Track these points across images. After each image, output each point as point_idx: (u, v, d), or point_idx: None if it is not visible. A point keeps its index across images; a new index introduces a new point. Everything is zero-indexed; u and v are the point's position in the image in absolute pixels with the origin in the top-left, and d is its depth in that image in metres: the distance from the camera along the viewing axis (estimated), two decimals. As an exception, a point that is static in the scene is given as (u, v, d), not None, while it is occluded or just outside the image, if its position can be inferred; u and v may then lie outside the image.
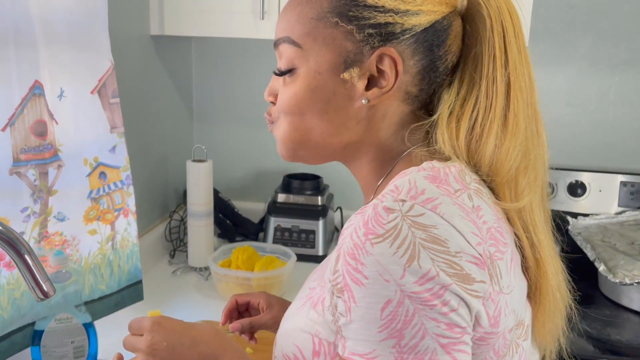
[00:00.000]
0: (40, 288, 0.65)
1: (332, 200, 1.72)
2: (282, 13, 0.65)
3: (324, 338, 0.60)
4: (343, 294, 0.53)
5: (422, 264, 0.51)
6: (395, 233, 0.51)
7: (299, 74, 0.62)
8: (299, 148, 0.67)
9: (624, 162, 1.64)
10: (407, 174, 0.58)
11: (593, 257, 1.38)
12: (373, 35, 0.59)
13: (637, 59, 1.59)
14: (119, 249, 1.16)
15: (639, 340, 1.21)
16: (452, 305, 0.51)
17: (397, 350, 0.51)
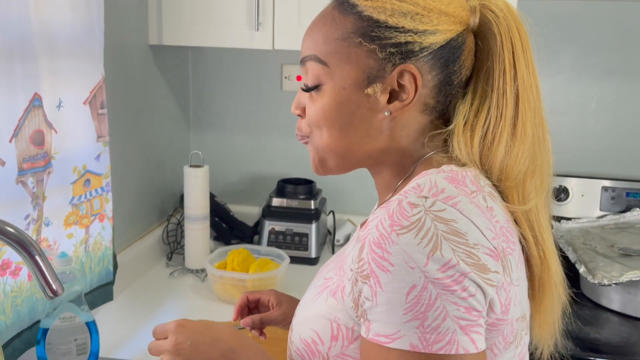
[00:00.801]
0: (50, 287, 0.70)
1: (324, 204, 1.77)
2: (307, 32, 0.70)
3: (342, 324, 0.64)
4: (369, 279, 0.58)
5: (444, 254, 0.56)
6: (419, 225, 0.57)
7: (325, 89, 0.67)
8: (329, 159, 0.72)
9: (606, 168, 1.70)
10: (427, 174, 0.64)
11: (574, 259, 1.44)
12: (394, 54, 0.64)
13: (618, 70, 1.65)
14: (91, 251, 1.20)
15: (616, 339, 1.27)
16: (470, 291, 0.56)
17: (420, 330, 0.55)
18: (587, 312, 1.38)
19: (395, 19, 0.64)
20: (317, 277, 0.79)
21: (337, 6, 0.67)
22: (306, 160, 1.82)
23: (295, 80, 1.80)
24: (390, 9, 0.64)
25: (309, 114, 0.70)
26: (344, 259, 0.69)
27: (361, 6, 0.65)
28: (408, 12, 0.64)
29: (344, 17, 0.65)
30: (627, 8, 1.61)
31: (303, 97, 0.71)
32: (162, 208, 1.72)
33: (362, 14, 0.65)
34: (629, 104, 1.66)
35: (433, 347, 0.55)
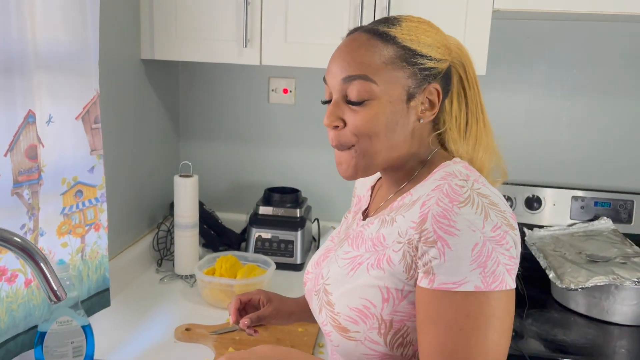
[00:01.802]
0: (54, 292, 0.76)
1: (310, 212, 1.83)
2: (346, 56, 0.82)
3: (391, 287, 0.80)
4: (436, 243, 0.74)
5: (492, 218, 0.74)
6: (470, 200, 0.75)
7: (373, 103, 0.81)
8: (372, 164, 0.84)
9: (576, 179, 1.79)
10: (447, 165, 0.84)
11: (545, 266, 1.52)
12: (426, 76, 0.82)
13: (586, 85, 1.74)
14: (88, 260, 1.25)
15: (582, 340, 1.35)
16: (511, 244, 0.75)
17: (482, 275, 0.72)
18: (556, 315, 1.47)
19: (425, 49, 0.82)
20: (331, 257, 0.94)
21: (375, 36, 0.82)
22: (292, 170, 1.90)
23: (282, 92, 1.87)
24: (421, 41, 0.82)
25: (358, 124, 0.81)
26: (378, 238, 0.85)
27: (399, 38, 0.81)
28: (431, 45, 0.83)
29: (385, 45, 0.81)
30: (595, 28, 1.70)
31: (340, 110, 0.83)
32: (153, 216, 1.77)
33: (401, 44, 0.81)
34: (597, 117, 1.75)
35: (491, 286, 0.73)
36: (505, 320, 0.74)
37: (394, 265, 0.80)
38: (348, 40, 0.84)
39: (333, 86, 0.83)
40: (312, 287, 0.95)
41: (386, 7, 1.43)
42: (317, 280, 0.94)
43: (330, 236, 1.05)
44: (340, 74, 0.82)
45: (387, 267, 0.81)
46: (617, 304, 1.40)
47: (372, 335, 0.80)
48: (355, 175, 0.85)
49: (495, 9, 1.41)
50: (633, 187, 1.76)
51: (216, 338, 1.27)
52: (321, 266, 0.96)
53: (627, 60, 1.71)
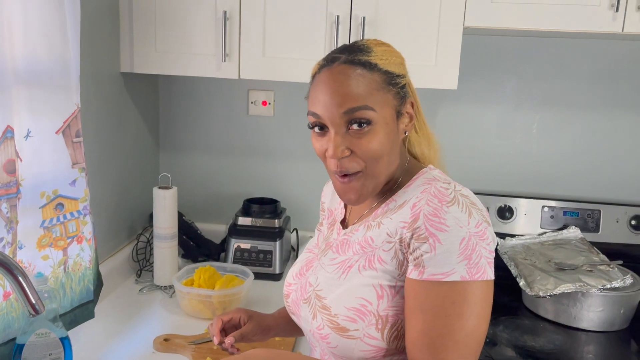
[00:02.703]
0: (32, 305, 0.77)
1: (288, 223, 1.86)
2: (340, 91, 0.86)
3: (385, 284, 0.87)
4: (428, 239, 0.82)
5: (475, 216, 0.83)
6: (456, 200, 0.83)
7: (374, 128, 0.87)
8: (378, 184, 0.91)
9: (545, 189, 1.84)
10: (425, 172, 0.93)
11: (516, 274, 1.57)
12: (405, 93, 0.91)
13: (555, 99, 1.80)
14: (70, 272, 1.26)
15: (550, 346, 1.40)
16: (490, 239, 0.84)
17: (467, 266, 0.81)
18: (526, 321, 1.51)
19: (398, 69, 0.90)
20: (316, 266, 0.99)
21: (360, 65, 0.87)
22: (271, 181, 1.93)
23: (261, 105, 1.90)
24: (394, 63, 0.90)
25: (366, 149, 0.87)
26: (366, 241, 0.91)
27: (379, 64, 0.88)
28: (399, 64, 0.91)
29: (371, 73, 0.87)
30: (562, 43, 1.76)
31: (345, 140, 0.87)
32: (132, 227, 1.79)
33: (382, 69, 0.88)
34: (565, 130, 1.82)
35: (475, 276, 0.81)
36: (485, 307, 0.83)
37: (386, 263, 0.87)
38: (333, 74, 0.87)
39: (331, 120, 0.86)
40: (299, 297, 0.99)
41: (361, 24, 1.47)
42: (304, 289, 0.98)
43: (306, 248, 1.08)
44: (339, 108, 0.85)
45: (379, 266, 0.88)
46: (584, 311, 1.45)
47: (371, 331, 0.86)
48: (363, 199, 0.90)
49: (466, 26, 1.46)
50: (600, 197, 1.82)
51: (194, 348, 1.29)
52: (306, 276, 1.00)
53: (592, 75, 1.77)
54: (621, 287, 1.45)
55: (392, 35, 1.48)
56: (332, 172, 0.90)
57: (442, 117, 1.85)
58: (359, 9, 1.48)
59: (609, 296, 1.44)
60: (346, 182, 0.89)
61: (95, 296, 1.35)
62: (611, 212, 1.75)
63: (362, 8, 1.47)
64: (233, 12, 1.52)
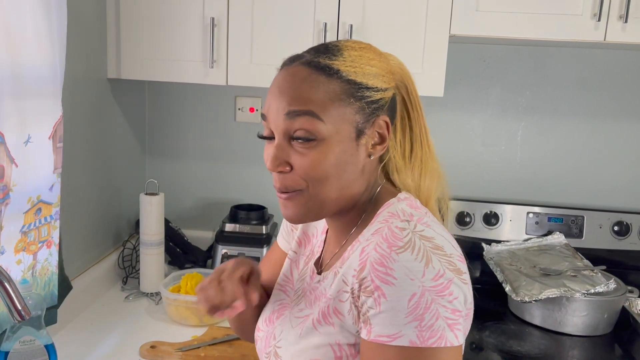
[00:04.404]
0: (18, 311, 0.77)
1: (276, 229, 1.85)
2: (288, 89, 0.74)
3: (343, 343, 0.74)
4: (373, 293, 0.68)
5: (434, 265, 0.68)
6: (412, 245, 0.69)
7: (321, 144, 0.73)
8: (324, 208, 0.77)
9: (530, 196, 1.87)
10: (391, 204, 0.78)
11: (501, 279, 1.59)
12: (375, 109, 0.76)
13: (538, 106, 1.83)
14: (37, 276, 1.24)
15: (536, 351, 1.41)
16: (455, 295, 0.68)
17: (418, 329, 0.66)
18: (512, 326, 1.52)
19: (371, 80, 0.76)
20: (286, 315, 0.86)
21: (317, 70, 0.75)
22: (258, 187, 1.93)
23: (249, 111, 1.90)
24: (366, 72, 0.76)
25: (307, 167, 0.73)
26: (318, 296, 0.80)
27: (343, 71, 0.75)
28: (376, 74, 0.77)
29: (329, 80, 0.74)
30: (546, 52, 1.79)
31: (284, 153, 0.74)
32: (118, 234, 1.77)
33: (346, 78, 0.75)
34: (549, 137, 1.84)
35: (428, 342, 0.66)
36: None
37: (343, 316, 0.74)
38: (287, 74, 0.76)
39: (275, 123, 0.75)
40: (262, 348, 0.88)
41: (348, 31, 1.48)
42: (268, 341, 0.87)
43: (278, 283, 0.95)
44: (283, 109, 0.74)
45: (336, 321, 0.75)
46: (569, 315, 1.47)
47: None
48: (303, 220, 0.78)
49: (452, 34, 1.48)
50: (583, 203, 1.85)
51: (181, 355, 1.28)
52: (274, 325, 0.88)
53: (575, 83, 1.80)
54: (605, 292, 1.47)
55: (379, 43, 1.48)
56: (274, 187, 0.78)
57: (428, 124, 1.85)
58: (346, 16, 1.49)
59: (593, 301, 1.46)
60: (286, 201, 0.76)
61: (60, 301, 1.32)
62: (594, 218, 1.78)
63: (350, 15, 1.49)
64: (221, 18, 1.52)
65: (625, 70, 1.78)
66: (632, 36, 1.43)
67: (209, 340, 1.35)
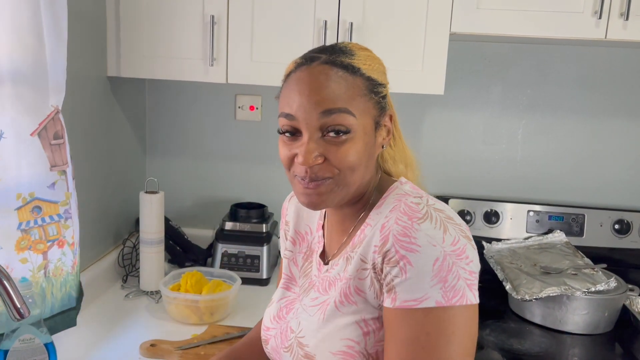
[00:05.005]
0: (18, 310, 0.76)
1: (276, 228, 1.85)
2: (321, 87, 0.78)
3: (368, 318, 0.79)
4: (399, 263, 0.74)
5: (451, 233, 0.75)
6: (429, 216, 0.76)
7: (353, 136, 0.79)
8: (348, 195, 0.83)
9: (531, 194, 1.86)
10: (396, 187, 0.85)
11: (502, 278, 1.58)
12: (385, 104, 0.85)
13: (539, 104, 1.82)
14: (51, 277, 1.24)
15: (536, 349, 1.41)
16: (470, 258, 0.75)
17: (443, 290, 0.72)
18: (512, 325, 1.52)
19: (381, 77, 0.84)
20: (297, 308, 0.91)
21: (342, 69, 0.80)
22: (258, 185, 1.93)
23: (249, 109, 1.90)
24: (377, 70, 0.84)
25: (343, 158, 0.79)
26: (332, 281, 0.86)
27: (363, 69, 0.81)
28: (382, 72, 0.85)
29: (354, 77, 0.80)
30: (547, 49, 1.79)
31: (319, 147, 0.79)
32: (118, 232, 1.77)
33: (366, 75, 0.81)
34: (550, 135, 1.84)
35: (452, 300, 0.73)
36: (466, 337, 0.73)
37: (364, 293, 0.80)
38: (312, 74, 0.79)
39: (307, 122, 0.79)
40: (279, 344, 0.90)
41: (348, 29, 1.48)
42: (285, 335, 0.90)
43: (281, 283, 0.99)
44: (316, 108, 0.78)
45: (358, 298, 0.80)
46: (569, 314, 1.47)
47: None
48: (327, 204, 0.82)
49: (452, 32, 1.48)
50: (584, 201, 1.84)
51: (181, 354, 1.28)
52: (286, 319, 0.91)
53: (576, 81, 1.80)
54: (605, 290, 1.47)
55: (379, 41, 1.50)
56: (298, 176, 0.81)
57: (429, 122, 1.86)
58: (347, 14, 1.49)
59: (594, 299, 1.45)
60: (311, 188, 0.80)
61: (78, 304, 1.32)
62: (595, 216, 1.78)
63: (350, 14, 1.48)
64: (221, 16, 1.52)
65: (626, 68, 1.78)
66: (633, 34, 1.42)
67: (208, 339, 1.34)
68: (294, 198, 1.05)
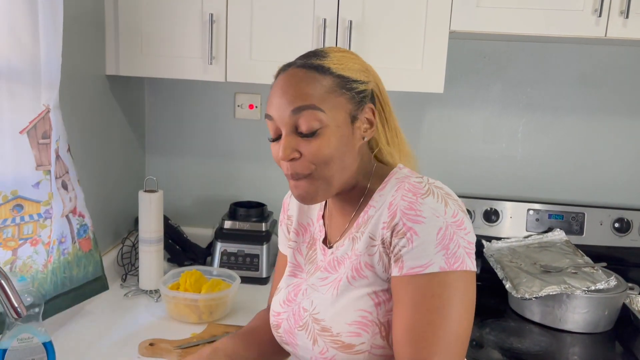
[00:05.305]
0: (15, 309, 0.76)
1: (275, 226, 1.85)
2: (290, 90, 0.86)
3: (378, 290, 0.87)
4: (406, 234, 0.81)
5: (451, 206, 0.83)
6: (431, 192, 0.84)
7: (325, 130, 0.86)
8: (331, 188, 0.90)
9: (531, 193, 1.86)
10: (396, 172, 0.93)
11: (502, 276, 1.58)
12: (362, 98, 0.90)
13: (539, 103, 1.82)
14: (17, 272, 1.21)
15: (536, 348, 1.40)
16: (468, 230, 0.83)
17: (445, 257, 0.80)
18: (512, 324, 1.52)
19: (355, 74, 0.90)
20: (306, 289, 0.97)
21: (311, 69, 0.88)
22: (257, 184, 1.92)
23: (248, 108, 1.90)
24: (350, 68, 0.90)
25: (315, 152, 0.86)
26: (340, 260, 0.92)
27: (333, 69, 0.88)
28: (358, 70, 0.91)
29: (324, 76, 0.87)
30: (546, 48, 1.78)
31: (294, 142, 0.87)
32: (117, 231, 1.77)
33: (336, 73, 0.88)
34: (549, 134, 1.83)
35: (454, 266, 0.81)
36: (466, 299, 0.82)
37: (373, 267, 0.87)
38: (285, 77, 0.88)
39: (281, 120, 0.87)
40: (292, 325, 0.95)
41: (348, 28, 1.48)
42: (298, 315, 0.95)
43: (288, 271, 1.04)
44: (288, 107, 0.86)
45: (369, 273, 0.87)
46: (569, 312, 1.46)
47: (376, 341, 0.85)
48: (314, 200, 0.90)
49: (452, 30, 1.48)
50: (584, 200, 1.84)
51: (180, 353, 1.27)
52: (296, 301, 0.97)
53: (576, 79, 1.79)
54: (605, 289, 1.46)
55: (379, 39, 1.49)
56: (285, 175, 0.90)
57: (429, 121, 1.86)
58: (346, 12, 1.48)
59: (594, 298, 1.45)
60: (297, 184, 0.89)
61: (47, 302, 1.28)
62: (595, 215, 1.77)
63: (349, 12, 1.48)
64: (220, 14, 1.52)
65: (626, 66, 1.77)
66: (633, 32, 1.42)
67: (208, 338, 1.34)
68: None
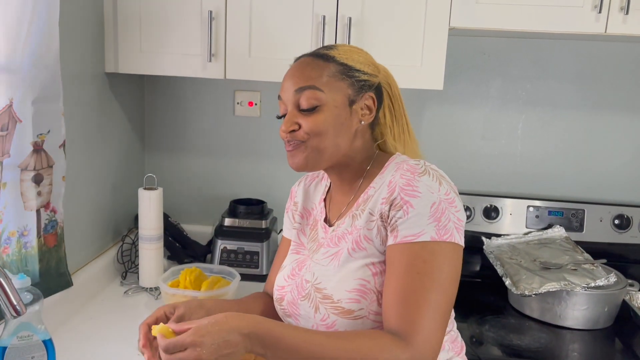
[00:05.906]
0: (14, 307, 0.76)
1: (275, 224, 1.85)
2: (297, 73, 1.00)
3: (376, 261, 0.95)
4: (402, 207, 0.91)
5: (444, 185, 0.93)
6: (427, 172, 0.93)
7: (323, 108, 0.98)
8: (321, 158, 1.00)
9: (530, 189, 1.86)
10: (395, 157, 1.03)
11: (502, 273, 1.58)
12: (362, 86, 1.01)
13: (539, 99, 1.82)
14: None
15: (536, 344, 1.40)
16: (458, 208, 0.93)
17: (437, 228, 0.89)
18: (512, 320, 1.52)
19: (358, 65, 1.02)
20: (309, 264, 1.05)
21: (318, 57, 1.01)
22: (257, 181, 1.92)
23: (247, 105, 1.89)
24: (354, 59, 1.02)
25: (311, 125, 0.98)
26: (341, 236, 1.01)
27: (337, 57, 1.01)
28: (362, 62, 1.03)
29: (327, 63, 1.00)
30: (546, 44, 1.78)
31: (295, 117, 1.00)
32: (117, 228, 1.77)
33: (339, 61, 1.00)
34: (549, 130, 1.83)
35: (444, 237, 0.90)
36: (453, 269, 0.90)
37: (372, 241, 0.96)
38: (296, 64, 1.03)
39: (287, 99, 1.00)
40: (295, 296, 1.04)
41: (347, 24, 1.47)
42: (300, 287, 1.03)
43: (291, 250, 1.14)
44: (293, 87, 1.00)
45: (367, 245, 0.96)
46: (569, 309, 1.46)
47: (373, 307, 0.93)
48: (305, 166, 1.00)
49: (451, 27, 1.47)
50: (584, 197, 1.84)
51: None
52: (300, 275, 1.05)
53: (575, 76, 1.79)
54: (605, 286, 1.46)
55: (378, 36, 1.49)
56: (286, 149, 1.01)
57: (428, 117, 1.86)
58: (346, 9, 1.48)
59: (593, 294, 1.45)
60: (291, 150, 1.00)
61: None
62: (595, 211, 1.77)
63: (348, 9, 1.48)
64: (219, 11, 1.51)
65: (626, 62, 1.77)
66: (633, 28, 1.42)
67: (208, 335, 1.34)
68: (302, 183, 1.22)
